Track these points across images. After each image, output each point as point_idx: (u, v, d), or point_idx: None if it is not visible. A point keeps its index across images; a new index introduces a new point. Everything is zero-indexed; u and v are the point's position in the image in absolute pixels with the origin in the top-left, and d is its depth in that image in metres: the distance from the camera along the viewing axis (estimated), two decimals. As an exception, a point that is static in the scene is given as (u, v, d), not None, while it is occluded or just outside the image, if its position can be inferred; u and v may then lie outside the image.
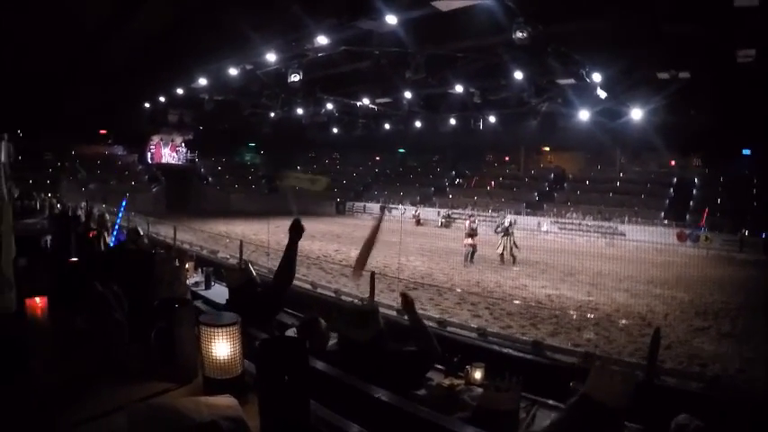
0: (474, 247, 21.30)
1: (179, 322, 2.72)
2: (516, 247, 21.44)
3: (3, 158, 3.31)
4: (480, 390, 4.21)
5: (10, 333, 2.74)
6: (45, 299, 3.43)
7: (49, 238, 7.44)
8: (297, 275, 15.06)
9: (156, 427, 1.97)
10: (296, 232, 4.74)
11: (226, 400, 2.17)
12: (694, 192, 40.15)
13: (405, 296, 4.51)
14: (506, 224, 21.33)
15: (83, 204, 21.37)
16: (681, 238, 32.40)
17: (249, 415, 2.14)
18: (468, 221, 22.35)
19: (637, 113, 25.91)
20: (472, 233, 21.40)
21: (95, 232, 6.69)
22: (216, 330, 2.48)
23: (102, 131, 51.72)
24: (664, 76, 21.37)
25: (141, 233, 10.66)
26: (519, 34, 16.44)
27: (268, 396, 2.12)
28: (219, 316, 2.73)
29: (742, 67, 18.98)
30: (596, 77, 21.40)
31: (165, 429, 1.95)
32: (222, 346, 2.49)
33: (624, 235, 34.01)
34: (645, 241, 31.00)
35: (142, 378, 2.71)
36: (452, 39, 20.88)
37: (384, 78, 26.49)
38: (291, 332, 5.15)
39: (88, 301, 3.02)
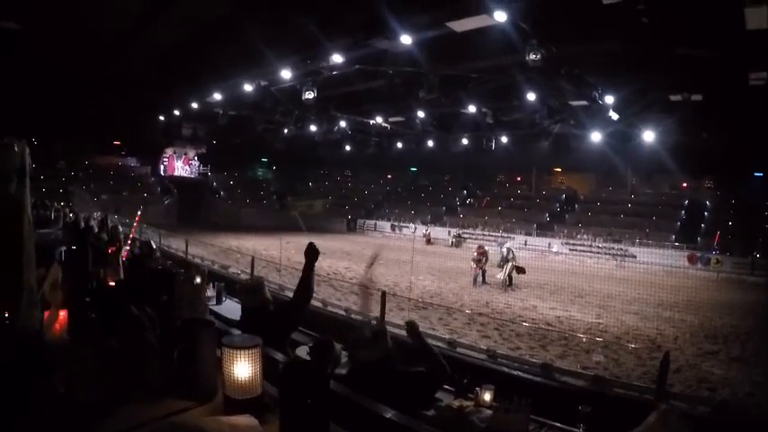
0: (483, 271, 21.28)
1: (202, 343, 2.80)
2: (520, 271, 21.10)
3: (27, 165, 3.39)
4: (489, 412, 4.26)
5: (34, 349, 2.80)
6: (66, 312, 3.51)
7: (63, 249, 7.51)
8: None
9: (179, 445, 2.03)
10: (311, 256, 4.89)
11: (246, 420, 2.24)
12: (706, 214, 39.99)
13: (410, 325, 4.57)
14: (504, 253, 21.15)
15: (96, 215, 21.49)
16: (692, 260, 32.28)
17: (268, 435, 2.20)
18: (478, 249, 22.23)
19: (649, 135, 25.90)
20: (481, 259, 21.37)
21: (115, 248, 6.76)
22: (238, 352, 2.56)
23: (116, 142, 52.14)
24: (676, 98, 21.37)
25: (154, 247, 10.72)
26: (532, 56, 16.49)
27: (290, 418, 2.19)
28: (241, 338, 2.80)
29: (754, 89, 18.99)
30: (609, 99, 21.45)
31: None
32: (243, 367, 2.57)
33: (635, 257, 33.90)
34: (655, 263, 30.87)
35: (164, 396, 2.77)
36: (466, 59, 20.97)
37: (397, 97, 26.59)
38: (303, 351, 5.22)
39: (123, 323, 3.08)
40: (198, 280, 7.75)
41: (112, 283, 4.38)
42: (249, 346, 2.58)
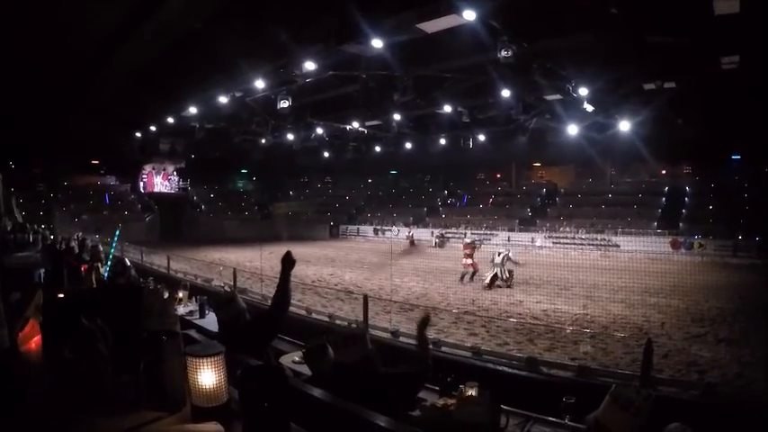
0: (474, 266, 21.27)
1: (167, 354, 2.78)
2: (508, 276, 20.97)
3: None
4: (474, 408, 4.25)
5: (6, 368, 2.77)
6: (39, 333, 3.48)
7: (42, 271, 7.46)
8: (292, 301, 15.07)
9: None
10: (288, 264, 4.98)
11: (212, 427, 2.23)
12: (686, 200, 40.29)
13: (425, 319, 4.63)
14: (498, 260, 21.02)
15: (76, 235, 21.38)
16: (675, 246, 32.50)
17: (234, 440, 2.18)
18: (467, 241, 22.25)
19: (625, 125, 26.03)
20: (472, 254, 21.40)
21: (87, 266, 6.72)
22: (201, 360, 2.55)
23: (95, 161, 51.87)
24: (650, 87, 21.48)
25: (128, 264, 10.67)
26: (504, 53, 16.52)
27: (250, 422, 2.17)
28: (205, 346, 2.79)
29: (727, 73, 19.13)
30: (583, 92, 21.51)
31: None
32: (208, 376, 2.55)
33: (618, 246, 34.12)
34: (639, 251, 31.12)
35: (132, 408, 2.75)
36: (439, 60, 21.01)
37: (373, 101, 26.60)
38: (298, 357, 5.22)
39: (75, 334, 3.06)
40: (180, 294, 7.72)
41: (61, 295, 4.34)
42: (212, 353, 2.57)
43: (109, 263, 11.11)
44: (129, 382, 2.93)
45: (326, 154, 42.49)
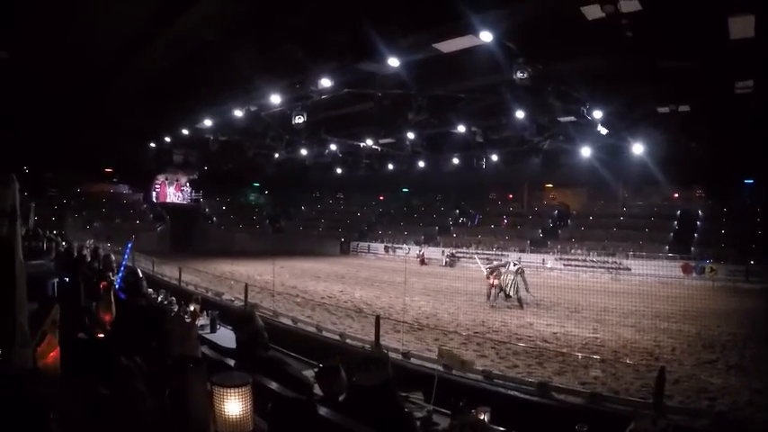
0: (500, 287, 21.23)
1: (192, 382, 2.79)
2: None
3: (17, 205, 3.38)
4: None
5: (29, 392, 2.79)
6: (57, 350, 3.49)
7: (56, 281, 7.47)
8: (302, 317, 15.07)
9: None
10: None
11: None
12: (698, 223, 40.11)
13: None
14: (513, 269, 21.05)
15: (88, 243, 21.42)
16: (686, 270, 32.32)
17: (260, 472, 2.19)
18: (491, 265, 22.22)
19: (638, 148, 26.03)
20: (497, 273, 21.43)
21: (106, 282, 6.73)
22: (228, 390, 2.56)
23: (108, 170, 52.09)
24: (664, 110, 21.51)
25: (140, 275, 10.69)
26: (519, 74, 16.61)
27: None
28: (231, 376, 2.79)
29: (741, 97, 19.13)
30: (597, 114, 21.57)
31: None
32: (234, 405, 2.56)
33: (629, 269, 33.92)
34: (650, 275, 30.87)
35: (157, 433, 2.77)
36: (454, 79, 21.10)
37: (387, 119, 26.71)
38: (310, 374, 5.20)
39: (114, 373, 3.07)
40: (191, 308, 7.75)
41: (102, 335, 4.36)
42: (239, 384, 2.58)
43: (121, 273, 11.14)
44: (153, 408, 2.94)
45: (339, 170, 42.65)
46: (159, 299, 10.26)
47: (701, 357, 13.15)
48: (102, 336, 4.32)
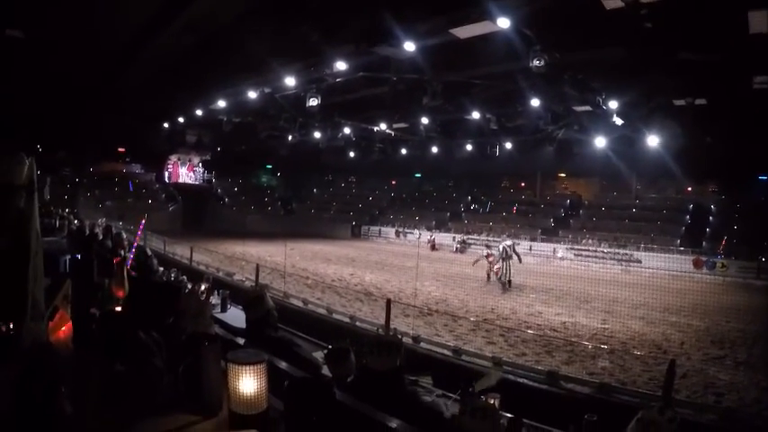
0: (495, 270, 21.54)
1: (206, 359, 2.79)
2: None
3: (35, 180, 3.37)
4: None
5: (41, 362, 2.78)
6: (69, 325, 3.50)
7: (68, 257, 7.48)
8: (312, 299, 15.14)
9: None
10: None
11: None
12: (711, 218, 39.91)
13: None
14: (500, 251, 21.35)
15: (100, 222, 21.50)
16: (697, 264, 32.15)
17: (274, 451, 2.18)
18: (501, 246, 22.30)
19: (653, 140, 25.87)
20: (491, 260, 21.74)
21: (120, 258, 6.74)
22: (243, 368, 2.55)
23: (121, 149, 52.17)
24: (680, 103, 21.36)
25: (149, 253, 10.71)
26: (536, 62, 16.47)
27: (295, 434, 2.18)
28: (246, 353, 2.79)
29: (758, 93, 18.97)
30: (613, 105, 21.43)
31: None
32: (249, 383, 2.56)
33: (640, 262, 33.77)
34: (661, 268, 30.75)
35: (170, 411, 2.76)
36: (469, 66, 20.98)
37: (401, 104, 26.63)
38: (319, 356, 5.19)
39: (131, 349, 3.07)
40: (203, 287, 7.79)
41: (119, 308, 4.36)
42: (254, 361, 2.58)
43: (132, 251, 11.17)
44: (167, 384, 2.94)
45: (352, 154, 42.59)
46: (172, 278, 10.29)
47: (709, 353, 13.12)
48: (117, 309, 4.33)
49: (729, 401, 9.17)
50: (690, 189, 44.23)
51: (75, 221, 20.10)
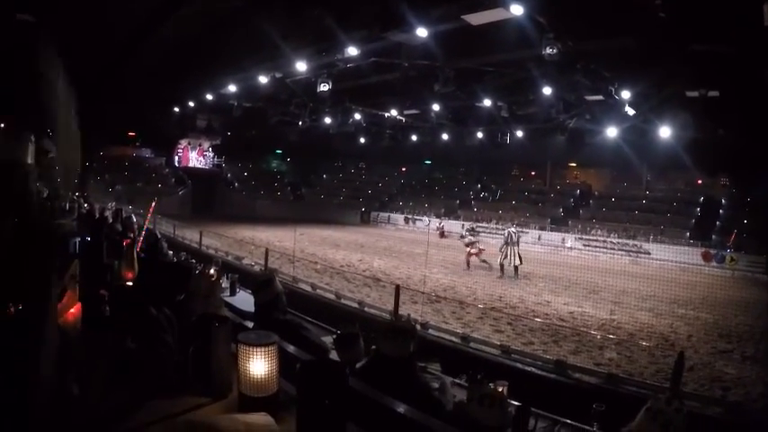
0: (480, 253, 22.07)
1: (217, 340, 2.78)
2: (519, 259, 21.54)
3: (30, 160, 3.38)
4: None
5: (50, 342, 2.77)
6: (79, 306, 3.50)
7: (77, 240, 7.49)
8: (321, 284, 15.19)
9: (195, 443, 2.01)
10: None
11: (263, 419, 2.21)
12: (721, 211, 39.72)
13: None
14: (506, 237, 21.56)
15: (110, 205, 21.56)
16: (706, 258, 32.04)
17: (284, 434, 2.17)
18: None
19: (664, 131, 25.75)
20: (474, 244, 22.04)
21: (129, 240, 6.76)
22: (254, 349, 2.54)
23: (131, 133, 52.20)
24: (693, 94, 21.23)
25: (159, 236, 10.72)
26: (549, 50, 16.38)
27: (307, 418, 2.16)
28: (257, 335, 2.78)
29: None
30: (625, 95, 21.32)
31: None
32: (259, 365, 2.55)
33: (649, 253, 33.68)
34: (669, 260, 30.68)
35: (179, 393, 2.76)
36: (482, 53, 20.90)
37: (412, 90, 26.56)
38: (328, 340, 5.18)
39: (142, 324, 3.06)
40: (212, 271, 7.80)
41: (130, 283, 4.36)
42: (265, 343, 2.56)
43: (142, 235, 11.19)
44: (176, 366, 2.93)
45: (362, 140, 42.48)
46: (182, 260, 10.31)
47: (716, 346, 13.10)
48: (129, 284, 4.33)
49: (736, 396, 9.15)
50: (700, 181, 43.94)
51: (86, 205, 20.15)
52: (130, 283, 4.40)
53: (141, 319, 3.07)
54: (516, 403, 4.40)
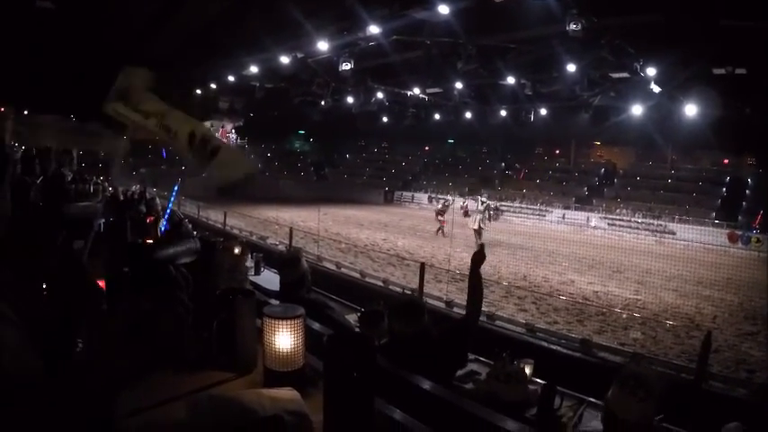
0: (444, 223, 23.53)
1: (241, 314, 2.76)
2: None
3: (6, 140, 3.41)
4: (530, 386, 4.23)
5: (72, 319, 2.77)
6: (103, 282, 3.51)
7: (102, 221, 7.55)
8: (345, 263, 15.23)
9: (219, 419, 1.99)
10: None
11: (288, 394, 2.19)
12: (747, 192, 39.27)
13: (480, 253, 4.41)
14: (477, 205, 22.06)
15: (134, 188, 21.71)
16: (732, 238, 31.73)
17: (311, 409, 2.15)
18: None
19: (690, 109, 25.43)
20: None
21: (153, 218, 6.80)
22: (280, 322, 2.52)
23: (154, 117, 52.32)
24: (720, 72, 20.96)
25: (182, 216, 10.77)
26: (572, 26, 16.22)
27: (334, 392, 2.14)
28: (283, 308, 2.76)
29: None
30: (650, 72, 21.06)
31: (227, 422, 1.98)
32: (285, 339, 2.53)
33: (674, 233, 33.44)
34: (695, 241, 30.44)
35: (202, 367, 2.75)
36: (505, 29, 20.73)
37: (435, 68, 26.38)
38: (353, 318, 5.18)
39: (159, 281, 3.05)
40: (237, 250, 7.84)
41: (150, 241, 4.38)
42: (291, 316, 2.54)
43: (167, 215, 11.24)
44: (200, 340, 2.92)
45: (385, 119, 42.35)
46: (206, 238, 10.37)
47: (742, 328, 13.01)
48: (148, 242, 4.34)
49: (761, 378, 9.08)
50: (727, 161, 43.46)
51: (110, 189, 20.31)
52: (150, 241, 4.41)
53: (158, 275, 3.05)
54: (542, 382, 4.38)
